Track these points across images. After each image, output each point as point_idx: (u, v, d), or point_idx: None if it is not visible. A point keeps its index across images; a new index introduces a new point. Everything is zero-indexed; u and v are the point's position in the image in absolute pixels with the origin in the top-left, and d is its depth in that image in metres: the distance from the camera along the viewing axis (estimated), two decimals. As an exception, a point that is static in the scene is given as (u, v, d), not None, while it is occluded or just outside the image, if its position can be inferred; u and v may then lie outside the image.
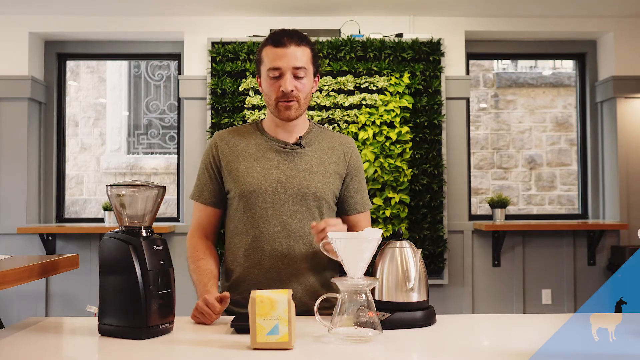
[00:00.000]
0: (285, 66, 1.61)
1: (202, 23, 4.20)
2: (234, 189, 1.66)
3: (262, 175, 1.65)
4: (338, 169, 1.72)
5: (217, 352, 1.20)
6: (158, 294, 1.29)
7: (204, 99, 4.10)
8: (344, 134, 1.84)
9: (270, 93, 1.65)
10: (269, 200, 1.64)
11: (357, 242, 1.29)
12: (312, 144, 1.71)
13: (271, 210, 1.64)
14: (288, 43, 1.62)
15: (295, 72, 1.62)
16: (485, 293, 4.23)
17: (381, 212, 3.90)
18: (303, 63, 1.63)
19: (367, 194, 1.81)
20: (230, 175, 1.67)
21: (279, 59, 1.61)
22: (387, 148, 3.92)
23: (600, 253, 4.27)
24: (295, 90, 1.62)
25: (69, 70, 5.13)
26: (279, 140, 1.69)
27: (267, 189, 1.64)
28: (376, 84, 3.97)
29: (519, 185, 6.11)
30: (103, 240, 1.33)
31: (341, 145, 1.75)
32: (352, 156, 1.76)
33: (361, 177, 1.78)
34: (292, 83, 1.61)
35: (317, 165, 1.69)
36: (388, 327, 1.33)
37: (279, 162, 1.67)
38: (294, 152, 1.68)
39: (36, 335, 1.35)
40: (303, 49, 1.64)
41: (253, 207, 1.64)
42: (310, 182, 1.66)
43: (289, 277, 1.64)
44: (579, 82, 4.63)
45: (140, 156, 6.26)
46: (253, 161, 1.67)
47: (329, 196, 1.68)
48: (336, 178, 1.71)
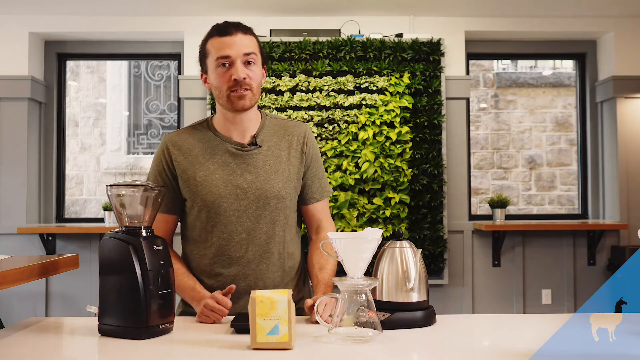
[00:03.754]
0: (235, 54, 1.56)
1: (202, 23, 4.17)
2: (192, 198, 1.61)
3: (221, 182, 1.60)
4: (296, 162, 1.68)
5: (217, 352, 1.20)
6: (158, 294, 1.29)
7: (204, 99, 4.10)
8: (298, 121, 1.79)
9: (220, 84, 1.59)
10: (232, 207, 1.60)
11: (357, 242, 1.29)
12: (267, 141, 1.66)
13: (234, 218, 1.60)
14: (235, 32, 1.58)
15: (246, 58, 1.58)
16: (485, 293, 4.23)
17: (381, 212, 3.90)
18: (252, 49, 1.59)
19: (326, 180, 1.76)
20: (188, 184, 1.62)
21: (228, 47, 1.57)
22: (387, 148, 3.92)
23: (600, 253, 4.27)
24: (247, 78, 1.57)
25: (69, 70, 5.13)
26: (234, 141, 1.64)
27: (229, 196, 1.60)
28: (376, 84, 3.97)
29: (519, 185, 6.11)
30: (103, 240, 1.33)
31: (296, 136, 1.69)
32: (308, 144, 1.71)
33: (318, 164, 1.73)
34: (244, 70, 1.56)
35: (276, 164, 1.64)
36: (388, 327, 1.33)
37: (237, 165, 1.62)
38: (250, 154, 1.63)
39: (36, 335, 1.35)
40: (250, 37, 1.61)
41: (216, 217, 1.60)
42: (270, 184, 1.62)
43: (257, 281, 1.62)
44: (579, 82, 4.63)
45: (140, 156, 6.26)
46: (210, 168, 1.61)
47: (290, 195, 1.65)
48: (295, 173, 1.67)
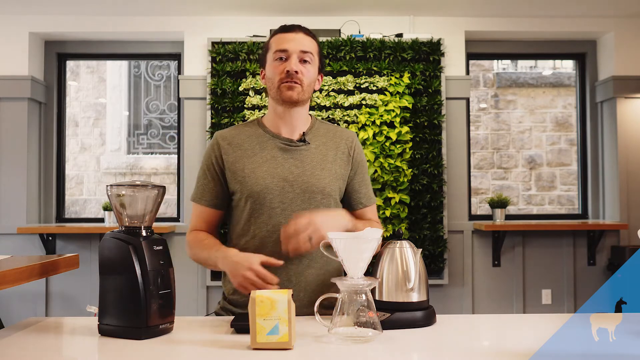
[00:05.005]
0: (293, 48, 1.62)
1: (202, 23, 4.20)
2: (240, 190, 1.64)
3: (268, 174, 1.62)
4: (342, 164, 1.70)
5: (217, 352, 1.20)
6: (158, 294, 1.29)
7: (204, 99, 4.10)
8: (347, 129, 1.83)
9: (274, 76, 1.64)
10: (277, 200, 1.61)
11: (357, 242, 1.29)
12: (315, 140, 1.70)
13: (279, 210, 1.61)
14: (297, 30, 1.66)
15: (302, 56, 1.63)
16: (485, 293, 4.23)
17: (381, 212, 3.90)
18: (310, 49, 1.65)
19: (371, 187, 1.80)
20: (235, 176, 1.64)
21: (287, 42, 1.63)
22: (387, 148, 3.92)
23: (600, 253, 4.27)
24: (299, 73, 1.61)
25: (69, 70, 5.13)
26: (283, 137, 1.67)
27: (275, 188, 1.62)
28: (376, 84, 3.97)
29: (519, 185, 6.11)
30: (103, 240, 1.33)
31: (344, 140, 1.74)
32: (356, 150, 1.74)
33: (365, 171, 1.77)
34: (298, 65, 1.62)
35: (323, 161, 1.67)
36: (388, 327, 1.33)
37: (284, 160, 1.65)
38: (298, 149, 1.66)
39: (36, 335, 1.35)
40: (310, 39, 1.67)
41: (260, 208, 1.62)
42: (317, 179, 1.64)
43: (298, 276, 1.61)
44: (579, 82, 4.63)
45: (140, 156, 6.26)
46: (258, 160, 1.64)
47: (335, 192, 1.67)
48: (341, 174, 1.69)
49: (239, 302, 1.65)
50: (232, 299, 1.68)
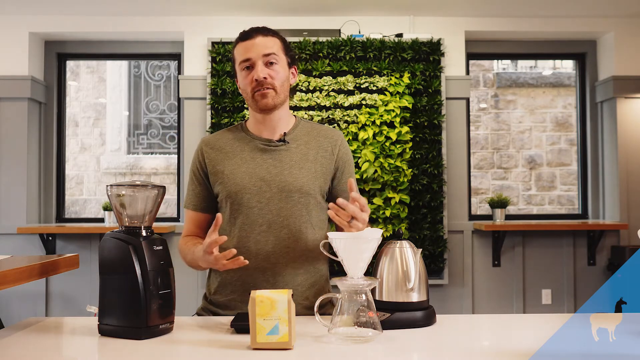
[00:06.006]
0: (255, 55, 1.62)
1: (202, 23, 4.20)
2: (221, 192, 1.67)
3: (247, 175, 1.64)
4: (325, 163, 1.70)
5: (217, 352, 1.20)
6: (158, 294, 1.29)
7: (204, 99, 4.10)
8: (333, 128, 1.82)
9: (245, 86, 1.65)
10: (254, 199, 1.63)
11: (357, 242, 1.29)
12: (297, 139, 1.70)
13: (257, 210, 1.63)
14: (255, 35, 1.65)
15: (266, 59, 1.62)
16: (485, 293, 4.23)
17: (381, 212, 3.90)
18: (272, 50, 1.64)
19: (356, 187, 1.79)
20: (217, 178, 1.67)
21: (248, 50, 1.63)
22: (387, 148, 3.92)
23: (600, 253, 4.27)
24: (268, 78, 1.62)
25: (69, 70, 5.13)
26: (263, 138, 1.69)
27: (252, 188, 1.63)
28: (376, 84, 3.97)
29: (519, 185, 6.10)
30: (103, 240, 1.33)
31: (328, 139, 1.73)
32: (341, 149, 1.73)
33: (351, 168, 1.77)
34: (264, 70, 1.62)
35: (302, 160, 1.67)
36: (388, 327, 1.33)
37: (263, 160, 1.66)
38: (277, 149, 1.67)
39: (36, 335, 1.35)
40: (271, 39, 1.66)
41: (239, 208, 1.64)
42: (294, 178, 1.64)
43: (275, 276, 1.62)
44: (579, 82, 4.63)
45: (140, 156, 6.26)
46: (238, 162, 1.67)
47: (315, 192, 1.66)
48: (322, 172, 1.69)
49: (220, 302, 1.67)
50: (214, 299, 1.70)
